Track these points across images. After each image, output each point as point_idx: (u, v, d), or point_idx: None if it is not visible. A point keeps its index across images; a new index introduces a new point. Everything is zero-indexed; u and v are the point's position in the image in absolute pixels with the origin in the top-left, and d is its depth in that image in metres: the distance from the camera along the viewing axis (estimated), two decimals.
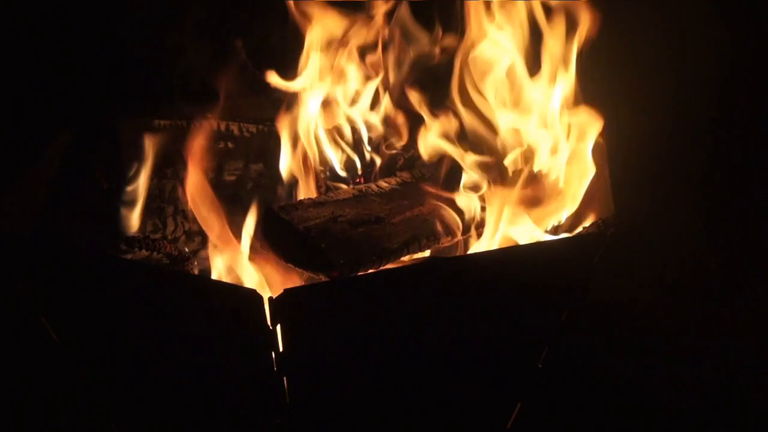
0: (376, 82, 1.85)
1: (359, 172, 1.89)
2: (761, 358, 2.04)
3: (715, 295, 2.25)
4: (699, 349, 2.07)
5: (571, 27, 1.67)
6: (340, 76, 1.84)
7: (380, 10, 1.82)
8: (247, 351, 1.42)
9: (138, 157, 1.78)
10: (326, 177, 1.83)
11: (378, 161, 1.89)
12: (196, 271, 1.72)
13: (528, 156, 1.75)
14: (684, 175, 2.28)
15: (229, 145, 1.85)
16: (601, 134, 1.68)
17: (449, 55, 1.77)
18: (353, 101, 1.88)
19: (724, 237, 2.32)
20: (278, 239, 1.59)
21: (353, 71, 1.85)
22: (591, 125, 1.68)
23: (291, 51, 1.84)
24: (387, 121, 1.87)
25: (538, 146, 1.73)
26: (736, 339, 2.10)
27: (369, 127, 1.88)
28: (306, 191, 1.78)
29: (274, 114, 1.92)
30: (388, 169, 1.88)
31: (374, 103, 1.88)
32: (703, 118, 2.22)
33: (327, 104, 1.85)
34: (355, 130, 1.89)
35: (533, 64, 1.73)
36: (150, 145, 1.79)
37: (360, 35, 1.83)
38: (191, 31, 2.03)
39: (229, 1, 2.15)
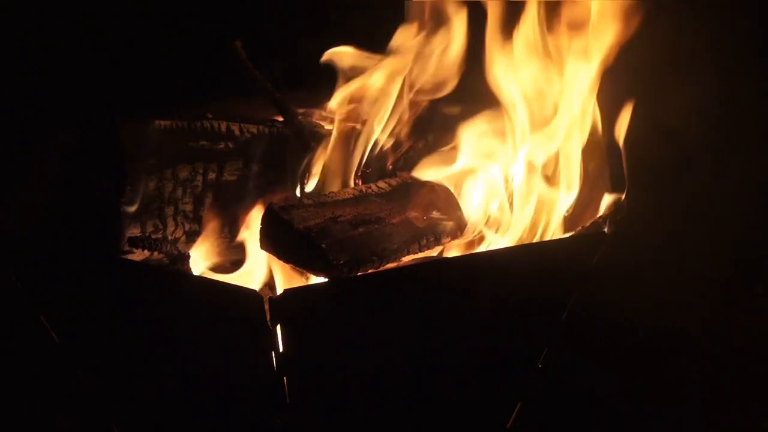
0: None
1: (359, 173, 1.89)
2: (762, 357, 2.04)
3: (715, 294, 2.25)
4: (699, 349, 2.07)
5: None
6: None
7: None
8: (247, 351, 1.42)
9: (138, 157, 1.78)
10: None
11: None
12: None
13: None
14: (685, 174, 2.28)
15: (230, 145, 1.85)
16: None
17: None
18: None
19: (726, 236, 2.32)
20: (278, 239, 1.59)
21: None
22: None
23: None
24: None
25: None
26: (737, 339, 2.10)
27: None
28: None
29: (274, 115, 1.92)
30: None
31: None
32: (706, 118, 2.22)
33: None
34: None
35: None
36: (150, 146, 1.79)
37: None
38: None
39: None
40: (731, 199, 2.32)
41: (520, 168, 1.75)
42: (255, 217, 1.68)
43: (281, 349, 1.38)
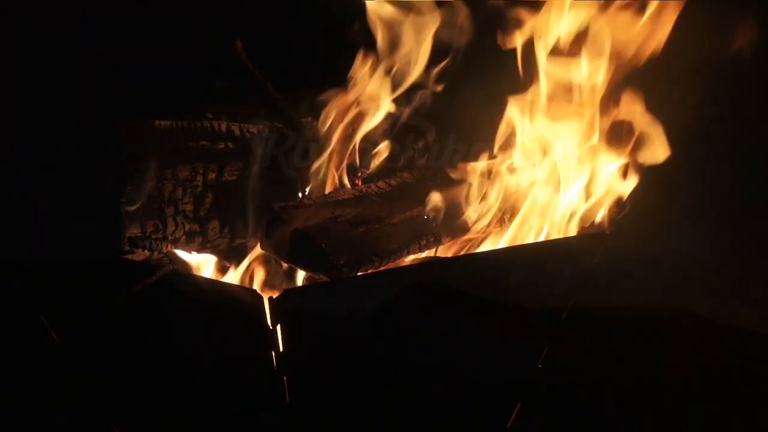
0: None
1: (359, 174, 1.89)
2: (762, 358, 2.04)
3: (716, 295, 2.25)
4: (698, 350, 2.07)
5: None
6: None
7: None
8: (247, 351, 1.42)
9: (138, 157, 1.78)
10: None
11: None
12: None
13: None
14: (685, 174, 2.28)
15: (230, 145, 1.85)
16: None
17: None
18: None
19: (726, 237, 2.32)
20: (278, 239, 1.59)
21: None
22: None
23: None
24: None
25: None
26: (736, 339, 2.10)
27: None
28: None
29: (273, 115, 1.92)
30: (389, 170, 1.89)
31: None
32: (708, 117, 2.22)
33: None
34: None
35: None
36: (150, 146, 1.79)
37: None
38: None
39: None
40: (732, 199, 2.32)
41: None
42: (255, 217, 1.69)
43: (281, 349, 1.38)
